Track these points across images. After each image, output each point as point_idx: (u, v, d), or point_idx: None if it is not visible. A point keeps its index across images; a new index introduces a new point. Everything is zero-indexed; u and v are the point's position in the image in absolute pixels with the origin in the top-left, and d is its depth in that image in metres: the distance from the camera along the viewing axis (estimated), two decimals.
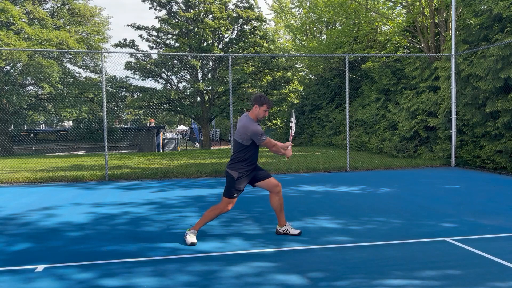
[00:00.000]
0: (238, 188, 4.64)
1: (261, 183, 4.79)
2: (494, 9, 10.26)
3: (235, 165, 4.65)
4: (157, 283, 3.55)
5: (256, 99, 4.68)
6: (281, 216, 4.90)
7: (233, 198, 4.66)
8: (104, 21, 29.04)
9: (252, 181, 4.80)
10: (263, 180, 4.78)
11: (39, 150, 25.95)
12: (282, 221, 4.92)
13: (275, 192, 4.79)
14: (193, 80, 27.04)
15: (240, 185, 4.65)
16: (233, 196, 4.65)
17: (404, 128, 14.01)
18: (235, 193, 4.65)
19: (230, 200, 4.66)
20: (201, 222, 4.75)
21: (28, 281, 3.65)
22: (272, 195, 4.82)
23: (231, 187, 4.64)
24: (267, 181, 4.78)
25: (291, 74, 28.15)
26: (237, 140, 4.68)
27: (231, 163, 4.69)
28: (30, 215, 6.24)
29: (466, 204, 6.56)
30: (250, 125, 4.57)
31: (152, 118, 33.13)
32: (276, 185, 4.78)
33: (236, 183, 4.62)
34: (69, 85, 24.45)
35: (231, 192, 4.65)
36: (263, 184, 4.79)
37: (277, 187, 4.78)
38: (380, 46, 19.06)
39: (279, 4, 31.59)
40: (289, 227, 4.93)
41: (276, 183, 4.80)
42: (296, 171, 10.98)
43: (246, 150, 4.63)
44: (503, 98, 9.98)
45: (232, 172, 4.63)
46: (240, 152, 4.66)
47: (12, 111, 23.94)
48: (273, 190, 4.79)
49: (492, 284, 3.41)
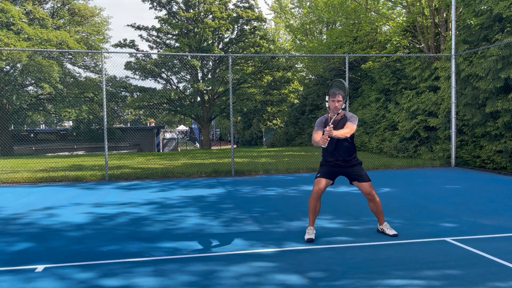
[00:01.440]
0: (319, 170, 4.80)
1: (356, 184, 4.82)
2: (494, 9, 10.26)
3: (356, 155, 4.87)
4: (157, 283, 3.55)
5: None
6: (379, 218, 4.94)
7: (316, 178, 4.76)
8: (104, 21, 29.05)
9: (349, 178, 4.84)
10: (356, 181, 4.79)
11: (39, 150, 25.95)
12: (380, 221, 4.97)
13: (368, 198, 4.84)
14: (193, 80, 27.04)
15: (320, 170, 4.79)
16: (316, 175, 4.81)
17: (404, 128, 14.00)
18: (317, 174, 4.80)
19: (315, 180, 4.78)
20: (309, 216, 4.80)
21: (28, 281, 3.65)
22: (368, 200, 4.89)
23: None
24: (359, 184, 4.79)
25: (291, 74, 28.15)
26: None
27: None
28: (30, 215, 6.24)
29: (466, 204, 6.56)
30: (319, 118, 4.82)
31: (152, 118, 33.14)
32: (367, 193, 4.78)
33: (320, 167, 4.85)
34: (69, 85, 24.46)
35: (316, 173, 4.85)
36: (357, 186, 4.83)
37: (368, 195, 4.79)
38: (380, 46, 19.06)
39: (278, 4, 31.60)
40: (385, 227, 4.93)
41: (368, 191, 4.76)
42: (296, 171, 10.97)
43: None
44: (503, 98, 9.98)
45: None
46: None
47: (12, 111, 23.94)
48: (365, 196, 4.83)
49: (492, 284, 3.41)
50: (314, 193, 4.71)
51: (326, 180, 4.74)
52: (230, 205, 6.83)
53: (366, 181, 4.74)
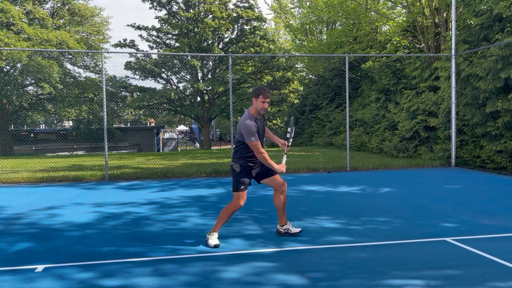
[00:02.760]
0: (243, 181, 4.52)
1: (267, 180, 4.69)
2: (494, 9, 10.26)
3: (236, 158, 4.60)
4: (157, 283, 3.55)
5: (252, 92, 4.56)
6: (283, 216, 4.85)
7: (241, 191, 4.53)
8: (104, 21, 29.05)
9: (257, 177, 4.71)
10: (268, 177, 4.67)
11: (39, 150, 25.95)
12: (283, 220, 4.87)
13: (280, 190, 4.70)
14: (193, 80, 27.04)
15: (244, 178, 4.53)
16: (240, 189, 4.53)
17: (404, 128, 14.01)
18: (241, 186, 4.53)
19: (238, 194, 4.54)
20: (218, 223, 4.64)
21: (28, 281, 3.65)
22: (277, 193, 4.74)
23: (236, 180, 4.57)
24: (272, 178, 4.67)
25: (291, 74, 28.15)
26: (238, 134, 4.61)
27: (233, 156, 4.67)
28: (30, 215, 6.24)
29: (466, 204, 6.56)
30: (244, 119, 4.45)
31: (152, 118, 33.14)
32: (282, 184, 4.68)
33: (240, 175, 4.55)
34: (69, 85, 24.46)
35: (237, 185, 4.56)
36: (268, 181, 4.69)
37: (283, 186, 4.69)
38: (380, 46, 19.07)
39: (278, 4, 31.61)
40: (289, 226, 4.89)
41: (282, 182, 4.70)
42: (296, 171, 10.98)
43: (246, 146, 4.52)
44: (503, 98, 9.98)
45: (234, 165, 4.59)
46: (239, 147, 4.59)
47: (12, 111, 23.94)
48: (278, 188, 4.69)
49: (492, 284, 3.41)
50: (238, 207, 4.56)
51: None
52: None
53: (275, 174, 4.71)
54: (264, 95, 4.46)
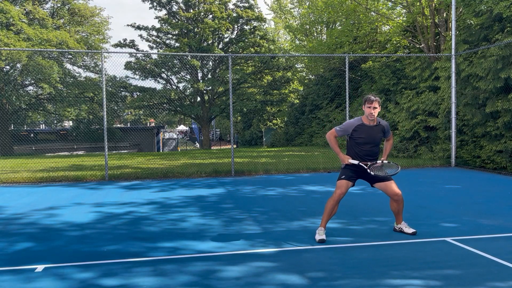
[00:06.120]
0: (343, 173, 4.76)
1: (380, 185, 4.78)
2: (494, 9, 10.26)
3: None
4: (157, 283, 3.55)
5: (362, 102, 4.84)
6: (398, 217, 4.95)
7: (339, 180, 4.72)
8: (104, 21, 29.06)
9: (370, 180, 4.82)
10: (382, 182, 4.76)
11: (39, 150, 25.94)
12: (398, 221, 4.98)
13: (394, 199, 4.81)
14: (193, 80, 27.04)
15: (345, 173, 4.75)
16: (340, 177, 4.75)
17: (404, 128, 14.01)
18: (341, 175, 4.76)
19: (337, 182, 4.74)
20: (322, 217, 4.79)
21: (28, 281, 3.65)
22: (391, 200, 4.86)
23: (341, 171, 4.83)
24: (384, 184, 4.76)
25: (291, 74, 28.16)
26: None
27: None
28: (30, 215, 6.24)
29: (466, 204, 6.55)
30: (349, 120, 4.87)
31: (152, 118, 33.14)
32: (394, 194, 4.75)
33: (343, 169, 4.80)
34: (69, 85, 24.46)
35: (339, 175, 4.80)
36: (381, 186, 4.78)
37: (395, 196, 4.76)
38: (380, 46, 19.07)
39: (278, 4, 31.60)
40: (403, 226, 4.96)
41: (395, 192, 4.74)
42: (296, 171, 10.97)
43: (348, 144, 4.84)
44: (503, 98, 9.98)
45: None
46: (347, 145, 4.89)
47: (12, 111, 23.94)
48: (391, 196, 4.80)
49: (492, 284, 3.41)
50: (336, 197, 4.68)
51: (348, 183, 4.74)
52: (230, 205, 6.83)
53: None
54: (368, 101, 4.71)
